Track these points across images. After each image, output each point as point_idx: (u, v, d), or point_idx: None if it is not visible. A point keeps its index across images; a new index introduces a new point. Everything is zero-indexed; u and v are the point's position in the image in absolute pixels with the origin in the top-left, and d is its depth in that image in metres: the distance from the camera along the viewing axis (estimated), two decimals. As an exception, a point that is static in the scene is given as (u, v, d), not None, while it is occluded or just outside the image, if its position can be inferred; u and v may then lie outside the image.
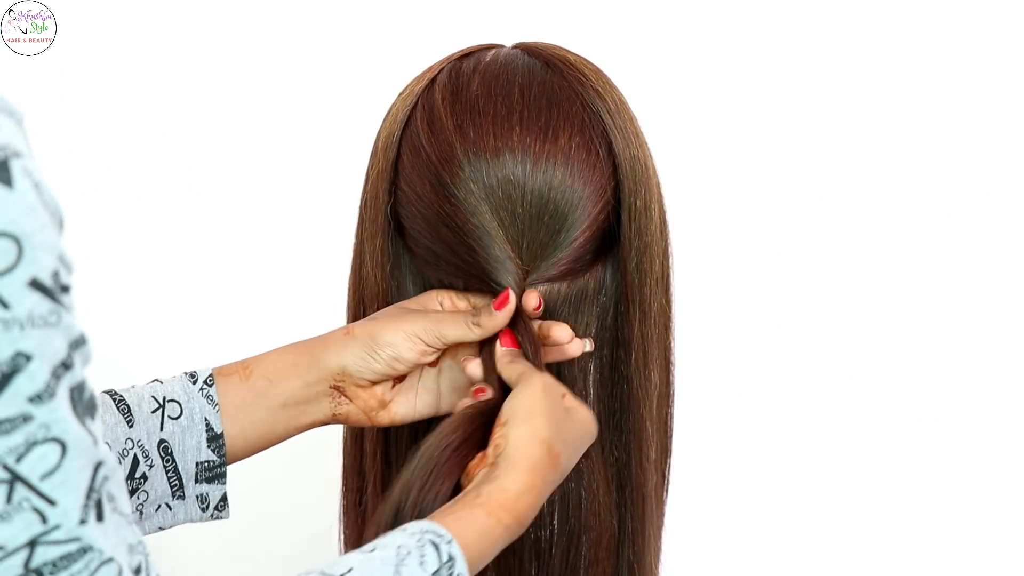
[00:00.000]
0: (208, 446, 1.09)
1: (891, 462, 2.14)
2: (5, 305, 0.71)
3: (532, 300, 1.07)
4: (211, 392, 1.09)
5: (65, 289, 0.73)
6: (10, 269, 0.71)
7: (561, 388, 1.02)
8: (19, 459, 0.73)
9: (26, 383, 0.72)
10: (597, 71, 1.12)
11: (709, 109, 2.09)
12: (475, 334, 1.08)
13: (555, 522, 1.11)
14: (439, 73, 1.12)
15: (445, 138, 1.07)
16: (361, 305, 1.15)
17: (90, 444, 0.76)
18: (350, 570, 0.87)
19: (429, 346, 1.09)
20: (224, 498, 1.12)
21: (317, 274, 1.83)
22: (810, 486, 2.13)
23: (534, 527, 1.10)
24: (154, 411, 1.10)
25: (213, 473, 1.10)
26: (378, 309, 1.13)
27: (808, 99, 2.11)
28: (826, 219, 2.13)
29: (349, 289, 1.16)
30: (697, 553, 2.05)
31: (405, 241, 1.12)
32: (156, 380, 1.12)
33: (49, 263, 0.72)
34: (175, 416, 1.09)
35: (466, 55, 1.14)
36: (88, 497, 0.75)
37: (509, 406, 0.99)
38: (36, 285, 0.72)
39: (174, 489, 1.10)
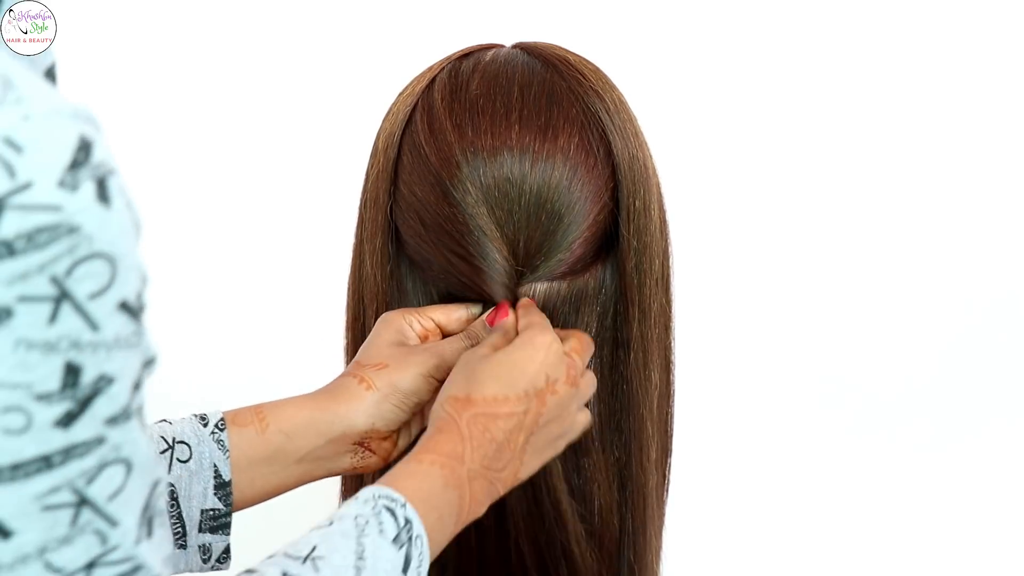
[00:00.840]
0: (215, 493, 1.05)
1: (892, 462, 2.14)
2: (95, 327, 0.69)
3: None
4: (222, 437, 1.04)
5: (144, 308, 0.73)
6: (104, 291, 0.69)
7: (481, 347, 1.04)
8: (90, 482, 0.72)
9: (105, 405, 0.71)
10: (597, 71, 1.13)
11: (709, 109, 2.09)
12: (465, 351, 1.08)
13: (555, 522, 1.11)
14: (439, 73, 1.12)
15: (444, 137, 1.07)
16: (361, 305, 1.14)
17: (154, 463, 0.75)
18: (314, 548, 0.87)
19: (440, 381, 1.08)
20: (227, 550, 1.08)
21: (317, 274, 1.83)
22: (810, 486, 2.13)
23: (534, 528, 1.10)
24: (163, 452, 1.06)
25: (218, 523, 1.06)
26: (377, 309, 1.13)
27: (807, 99, 2.11)
28: (826, 219, 2.13)
29: (348, 289, 1.16)
30: (698, 553, 2.05)
31: (400, 243, 1.12)
32: (164, 420, 1.08)
33: (136, 284, 0.71)
34: (184, 459, 1.06)
35: (466, 55, 1.14)
36: (143, 515, 0.75)
37: None
38: (124, 307, 0.71)
39: (177, 537, 1.06)
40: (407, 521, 0.92)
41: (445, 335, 1.10)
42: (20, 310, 0.67)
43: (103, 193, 0.69)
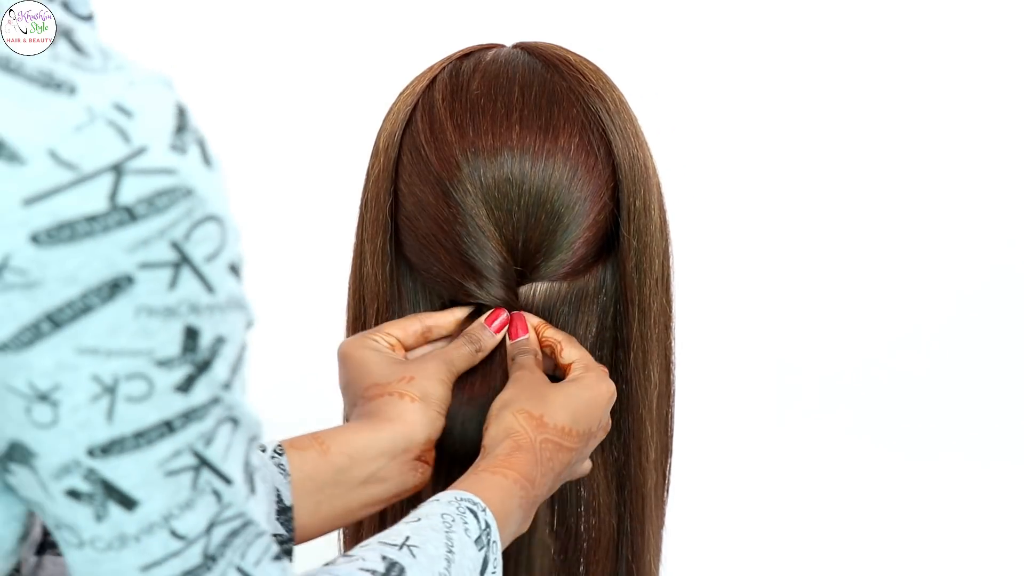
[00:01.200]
0: (278, 518, 1.00)
1: (892, 462, 2.14)
2: (211, 290, 0.69)
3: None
4: (282, 462, 1.01)
5: (242, 271, 0.72)
6: (217, 253, 0.69)
7: (537, 370, 1.05)
8: (208, 443, 0.72)
9: (221, 367, 0.71)
10: (597, 71, 1.13)
11: (708, 109, 2.09)
12: (477, 359, 1.08)
13: (554, 522, 1.11)
14: (440, 73, 1.12)
15: (444, 137, 1.07)
16: (361, 305, 1.14)
17: (255, 420, 0.75)
18: (407, 538, 0.88)
19: (451, 385, 1.07)
20: None
21: (317, 274, 1.83)
22: (810, 486, 2.13)
23: (534, 528, 1.10)
24: None
25: (280, 549, 1.01)
26: (378, 309, 1.12)
27: (807, 99, 2.11)
28: (826, 219, 2.13)
29: (349, 289, 1.16)
30: (698, 553, 2.05)
31: (400, 244, 1.12)
32: None
33: (238, 244, 0.71)
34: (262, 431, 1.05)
35: (466, 55, 1.14)
36: (245, 471, 0.75)
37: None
38: (233, 268, 0.71)
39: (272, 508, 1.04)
40: (487, 525, 0.92)
41: (407, 348, 1.08)
42: (141, 277, 0.66)
43: (206, 156, 0.69)
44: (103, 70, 0.67)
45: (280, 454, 1.01)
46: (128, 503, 0.70)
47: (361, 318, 1.14)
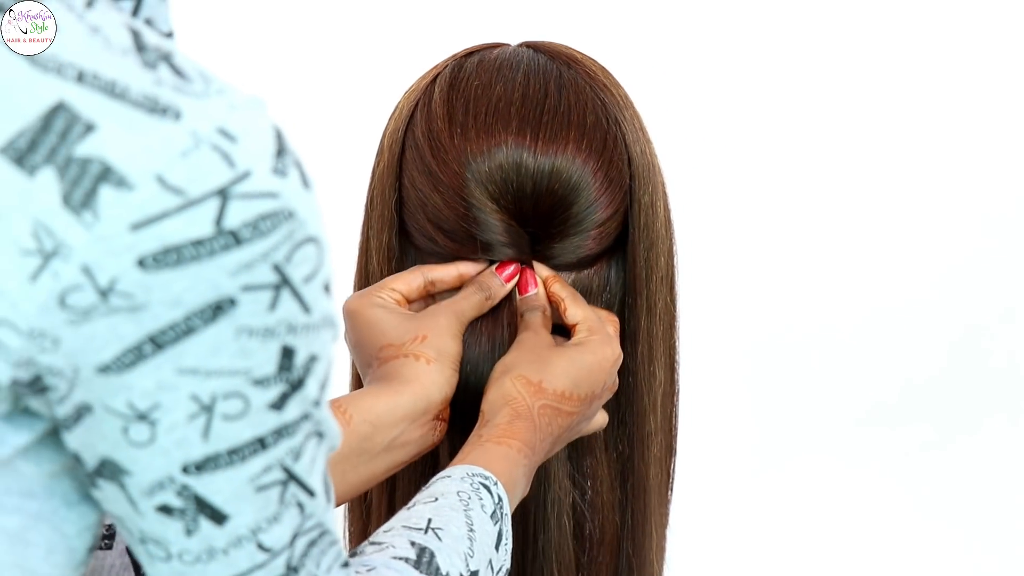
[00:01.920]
0: None
1: (894, 462, 2.14)
2: (307, 310, 0.70)
3: (543, 272, 1.08)
4: None
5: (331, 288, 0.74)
6: (315, 274, 0.70)
7: (544, 332, 1.06)
8: (297, 458, 0.73)
9: (313, 384, 0.72)
10: (604, 69, 1.13)
11: (708, 110, 2.09)
12: (487, 307, 1.08)
13: (557, 518, 1.11)
14: (443, 70, 1.13)
15: (439, 127, 1.07)
16: (366, 303, 1.14)
17: (337, 432, 0.76)
18: (430, 520, 0.89)
19: (462, 335, 1.08)
20: None
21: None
22: (810, 486, 2.13)
23: (535, 525, 1.10)
24: None
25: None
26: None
27: (807, 100, 2.11)
28: (825, 219, 2.13)
29: (355, 288, 1.16)
30: (699, 552, 2.05)
31: (409, 238, 1.12)
32: None
33: (331, 264, 0.72)
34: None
35: (471, 53, 1.14)
36: (324, 481, 0.76)
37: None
38: (327, 288, 0.72)
39: None
40: (500, 499, 0.94)
41: (410, 302, 1.08)
42: (244, 299, 0.67)
43: (304, 178, 0.70)
44: (205, 95, 0.68)
45: None
46: (219, 517, 0.72)
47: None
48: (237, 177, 0.67)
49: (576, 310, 1.07)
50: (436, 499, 0.92)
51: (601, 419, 1.09)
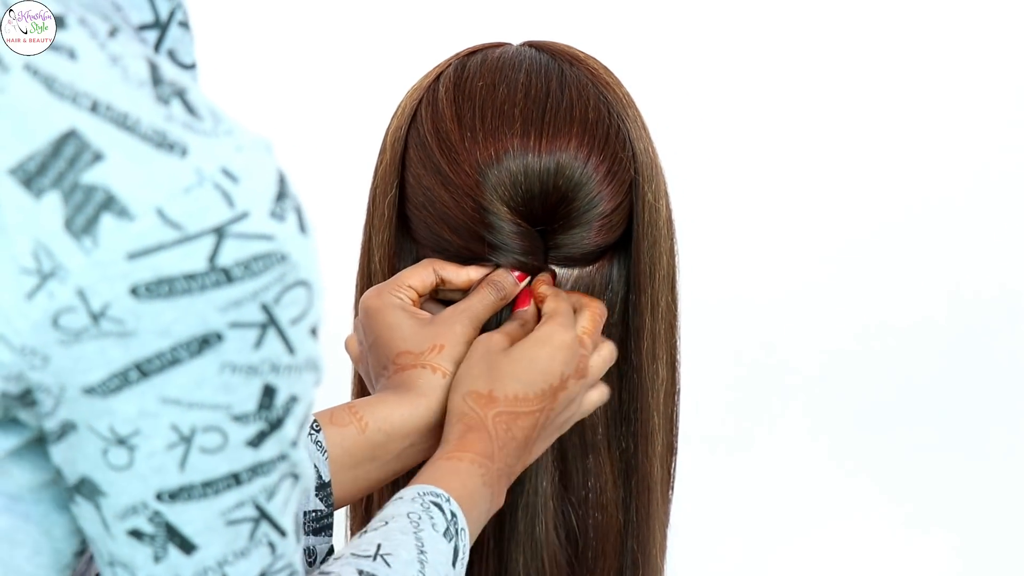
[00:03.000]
0: (317, 494, 1.04)
1: (895, 464, 2.14)
2: (292, 351, 0.72)
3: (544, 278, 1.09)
4: (319, 438, 1.04)
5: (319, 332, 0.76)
6: (302, 317, 0.72)
7: (498, 335, 1.06)
8: (270, 497, 0.74)
9: (291, 426, 0.73)
10: (606, 68, 1.13)
11: (709, 109, 2.09)
12: (500, 306, 1.08)
13: (562, 515, 1.11)
14: (446, 69, 1.13)
15: (446, 127, 1.08)
16: (367, 301, 1.14)
17: (311, 474, 0.78)
18: (379, 546, 0.90)
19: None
20: (331, 551, 1.08)
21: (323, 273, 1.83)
22: (811, 486, 2.13)
23: (539, 522, 1.10)
24: None
25: (321, 524, 1.06)
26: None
27: (807, 100, 2.11)
28: (825, 220, 2.13)
29: (357, 286, 1.17)
30: (700, 552, 2.05)
31: (412, 236, 1.12)
32: None
33: (322, 308, 0.74)
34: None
35: (473, 52, 1.14)
36: (295, 521, 0.78)
37: None
38: (313, 331, 0.73)
39: None
40: (453, 515, 0.95)
41: (421, 296, 1.09)
42: (230, 335, 0.69)
43: (302, 223, 0.71)
44: (214, 133, 0.69)
45: (317, 431, 1.04)
46: (188, 547, 0.73)
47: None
48: (235, 217, 0.68)
49: (550, 302, 1.07)
50: (386, 523, 0.92)
51: (596, 397, 1.08)
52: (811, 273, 2.13)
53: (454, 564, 0.93)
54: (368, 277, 1.14)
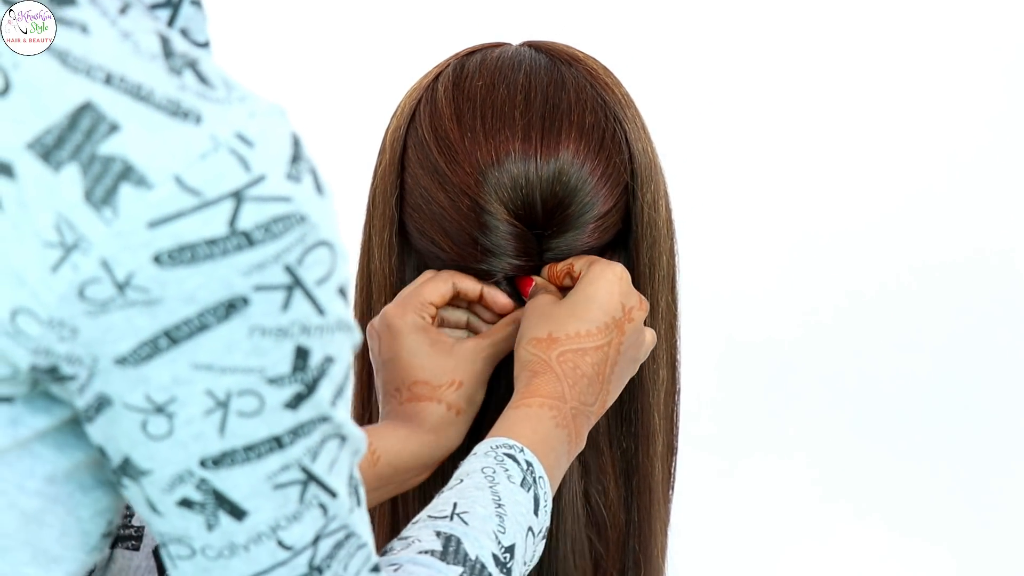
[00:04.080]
0: None
1: (897, 464, 2.14)
2: (321, 312, 0.72)
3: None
4: None
5: (348, 294, 0.76)
6: (328, 277, 0.72)
7: (545, 295, 1.06)
8: (314, 457, 0.75)
9: (328, 386, 0.74)
10: (605, 68, 1.13)
11: (709, 109, 2.10)
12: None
13: (564, 515, 1.11)
14: (445, 69, 1.13)
15: (444, 125, 1.08)
16: (368, 301, 1.14)
17: (359, 435, 0.78)
18: (455, 506, 0.90)
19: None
20: None
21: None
22: (811, 486, 2.13)
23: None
24: None
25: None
26: (385, 303, 1.12)
27: (806, 100, 2.11)
28: (825, 219, 2.13)
29: (356, 287, 1.17)
30: (701, 552, 2.05)
31: (408, 238, 1.12)
32: None
33: (347, 269, 0.74)
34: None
35: (472, 52, 1.14)
36: (350, 484, 0.78)
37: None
38: (342, 292, 0.74)
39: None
40: (529, 464, 0.95)
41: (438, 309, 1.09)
42: (256, 299, 0.70)
43: (318, 184, 0.72)
44: (227, 100, 0.70)
45: None
46: (238, 513, 0.73)
47: (368, 315, 1.14)
48: (252, 181, 0.69)
49: (579, 262, 1.07)
50: (461, 480, 0.93)
51: (650, 337, 1.08)
52: (811, 273, 2.13)
53: (536, 512, 0.94)
54: (368, 277, 1.14)
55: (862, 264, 2.13)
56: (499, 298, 1.08)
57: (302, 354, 0.72)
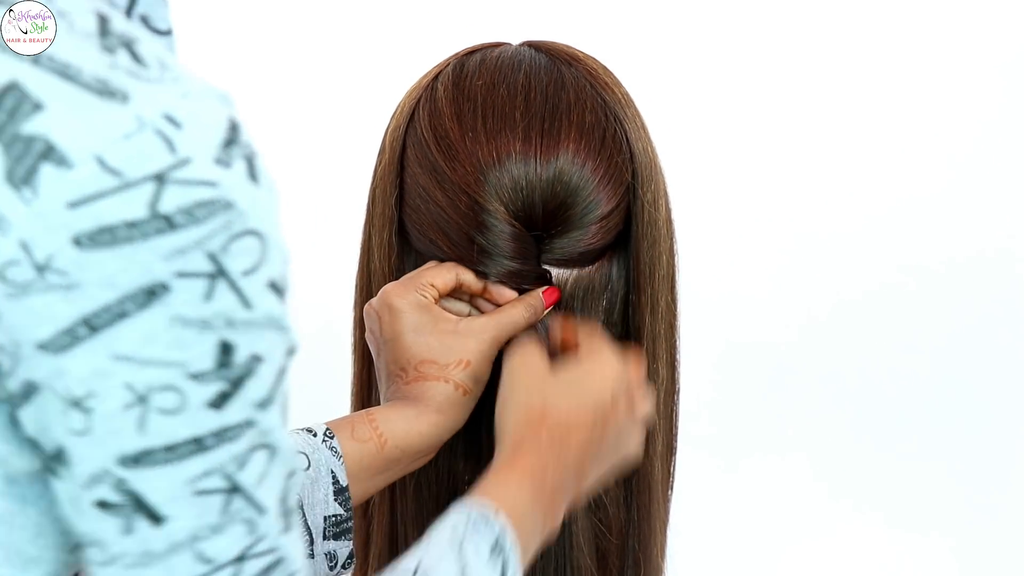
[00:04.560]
0: (335, 499, 1.03)
1: (897, 463, 2.14)
2: (248, 305, 0.70)
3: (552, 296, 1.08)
4: (334, 444, 1.03)
5: (287, 290, 0.73)
6: (256, 268, 0.70)
7: (535, 350, 1.03)
8: (241, 467, 0.71)
9: (255, 387, 0.71)
10: (605, 68, 1.13)
11: (709, 109, 2.10)
12: (528, 325, 1.07)
13: (564, 515, 1.11)
14: (444, 68, 1.13)
15: (444, 124, 1.08)
16: (368, 301, 1.14)
17: (293, 452, 0.75)
18: (419, 562, 0.87)
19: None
20: (351, 555, 1.06)
21: (322, 273, 1.84)
22: (811, 485, 2.13)
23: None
24: None
25: (340, 528, 1.04)
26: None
27: (806, 100, 2.11)
28: (825, 219, 2.13)
29: (356, 286, 1.17)
30: (701, 553, 2.05)
31: (407, 237, 1.12)
32: None
33: (282, 264, 0.72)
34: (304, 468, 1.03)
35: (472, 51, 1.14)
36: (280, 505, 0.75)
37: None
38: (273, 286, 0.71)
39: (305, 544, 1.03)
40: (501, 529, 0.91)
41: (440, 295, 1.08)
42: (177, 286, 0.68)
43: (252, 172, 0.70)
44: (159, 80, 0.68)
45: (331, 437, 1.03)
46: (156, 518, 0.71)
47: (367, 315, 1.14)
48: (177, 163, 0.67)
49: (586, 338, 1.05)
50: (430, 540, 0.90)
51: (639, 436, 1.06)
52: (812, 272, 2.13)
53: None
54: (368, 277, 1.14)
55: (862, 264, 2.13)
56: (506, 293, 1.07)
57: (226, 349, 0.69)
